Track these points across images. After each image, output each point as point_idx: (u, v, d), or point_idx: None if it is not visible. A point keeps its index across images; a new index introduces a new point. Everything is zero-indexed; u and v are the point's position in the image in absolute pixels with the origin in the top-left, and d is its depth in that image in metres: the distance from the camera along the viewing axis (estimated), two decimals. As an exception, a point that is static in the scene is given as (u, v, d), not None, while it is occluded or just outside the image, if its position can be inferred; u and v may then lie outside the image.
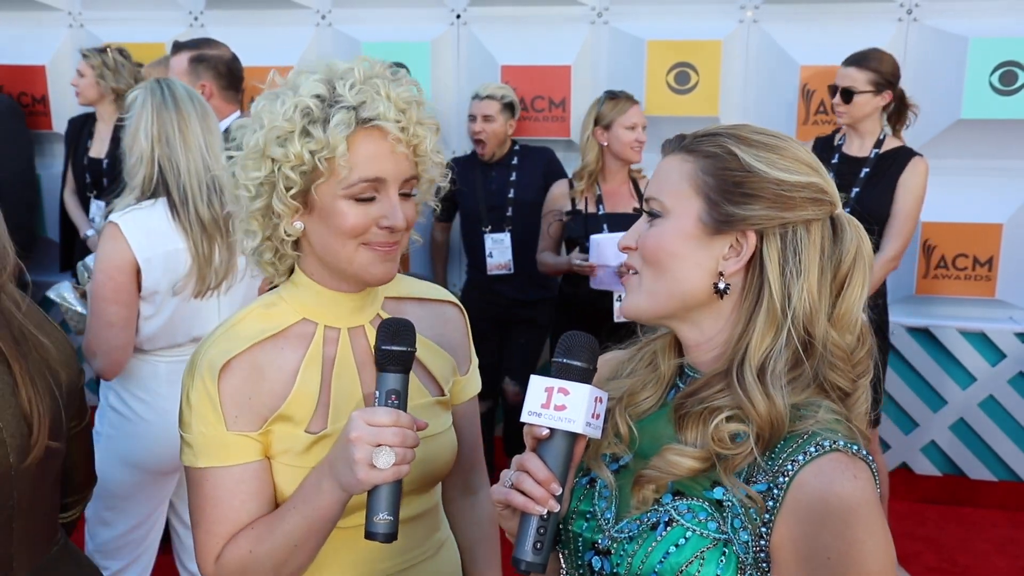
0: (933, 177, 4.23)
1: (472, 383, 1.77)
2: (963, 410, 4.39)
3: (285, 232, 1.49)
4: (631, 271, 1.32)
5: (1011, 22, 4.12)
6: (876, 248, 1.39)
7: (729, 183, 1.25)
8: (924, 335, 4.38)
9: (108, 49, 4.63)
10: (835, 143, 3.88)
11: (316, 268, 1.54)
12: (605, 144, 3.95)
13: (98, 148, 4.72)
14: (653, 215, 1.30)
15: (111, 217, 2.63)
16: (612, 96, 3.99)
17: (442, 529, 1.74)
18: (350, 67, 1.47)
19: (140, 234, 2.60)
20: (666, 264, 1.27)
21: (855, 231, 1.29)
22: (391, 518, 1.35)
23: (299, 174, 1.43)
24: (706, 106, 4.46)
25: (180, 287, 2.67)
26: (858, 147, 3.81)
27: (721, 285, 1.26)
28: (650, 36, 4.48)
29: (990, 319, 4.35)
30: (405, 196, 1.50)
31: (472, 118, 4.40)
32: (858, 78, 3.71)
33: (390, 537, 1.35)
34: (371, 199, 1.46)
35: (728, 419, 1.22)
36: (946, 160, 4.25)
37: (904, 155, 3.75)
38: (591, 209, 4.00)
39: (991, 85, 4.11)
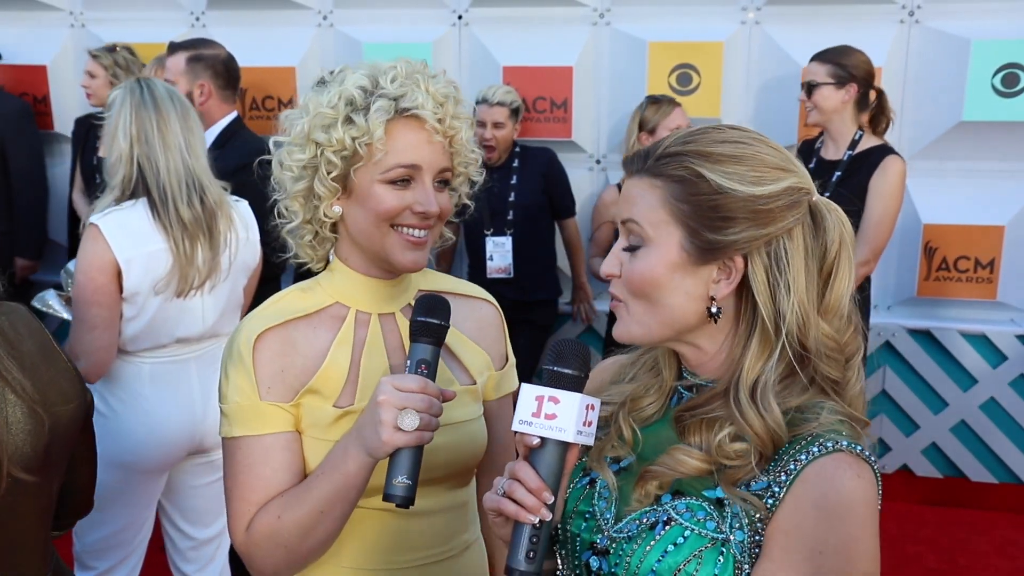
0: (935, 179, 4.21)
1: (507, 380, 1.80)
2: (964, 412, 4.38)
3: (324, 214, 1.57)
4: (618, 301, 1.30)
5: (1013, 24, 4.10)
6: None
7: (704, 208, 1.22)
8: (925, 337, 4.37)
9: (117, 47, 4.60)
10: (815, 147, 3.86)
11: (351, 253, 1.62)
12: None
13: None
14: (633, 245, 1.28)
15: (91, 218, 2.62)
16: (654, 101, 4.07)
17: (471, 531, 1.75)
18: (393, 64, 1.56)
19: (121, 235, 2.59)
20: (654, 296, 1.26)
21: (835, 216, 1.27)
22: (409, 482, 1.39)
23: (340, 158, 1.52)
24: (708, 107, 4.45)
25: (161, 287, 2.65)
26: (833, 150, 3.78)
27: (713, 309, 1.26)
28: (652, 37, 4.47)
29: (991, 321, 4.34)
30: (440, 187, 1.59)
31: (481, 124, 4.34)
32: (818, 71, 3.71)
33: (407, 501, 1.39)
34: (406, 186, 1.54)
35: (732, 438, 1.22)
36: (948, 162, 4.24)
37: (877, 155, 3.67)
38: None
39: (993, 87, 4.10)
